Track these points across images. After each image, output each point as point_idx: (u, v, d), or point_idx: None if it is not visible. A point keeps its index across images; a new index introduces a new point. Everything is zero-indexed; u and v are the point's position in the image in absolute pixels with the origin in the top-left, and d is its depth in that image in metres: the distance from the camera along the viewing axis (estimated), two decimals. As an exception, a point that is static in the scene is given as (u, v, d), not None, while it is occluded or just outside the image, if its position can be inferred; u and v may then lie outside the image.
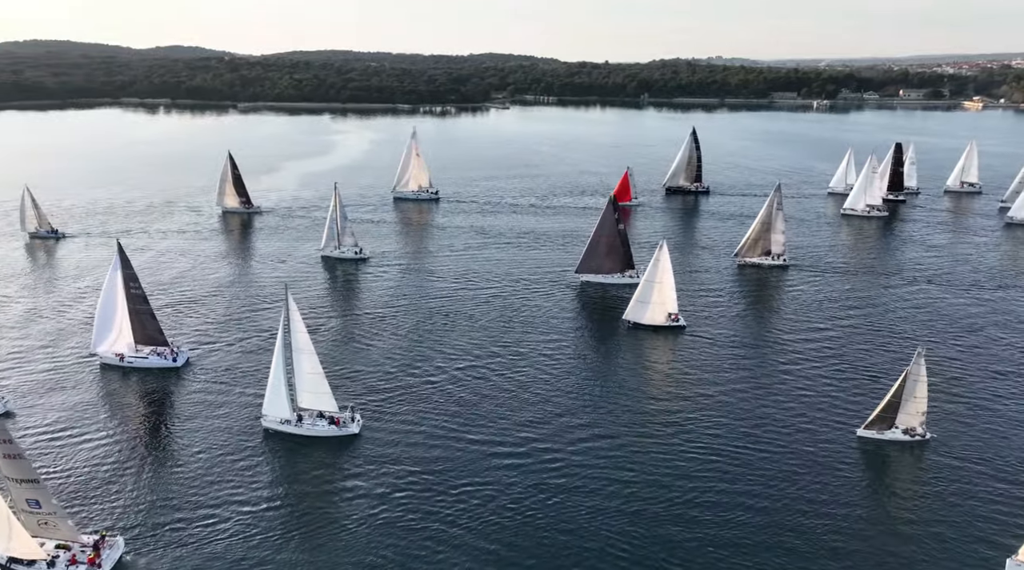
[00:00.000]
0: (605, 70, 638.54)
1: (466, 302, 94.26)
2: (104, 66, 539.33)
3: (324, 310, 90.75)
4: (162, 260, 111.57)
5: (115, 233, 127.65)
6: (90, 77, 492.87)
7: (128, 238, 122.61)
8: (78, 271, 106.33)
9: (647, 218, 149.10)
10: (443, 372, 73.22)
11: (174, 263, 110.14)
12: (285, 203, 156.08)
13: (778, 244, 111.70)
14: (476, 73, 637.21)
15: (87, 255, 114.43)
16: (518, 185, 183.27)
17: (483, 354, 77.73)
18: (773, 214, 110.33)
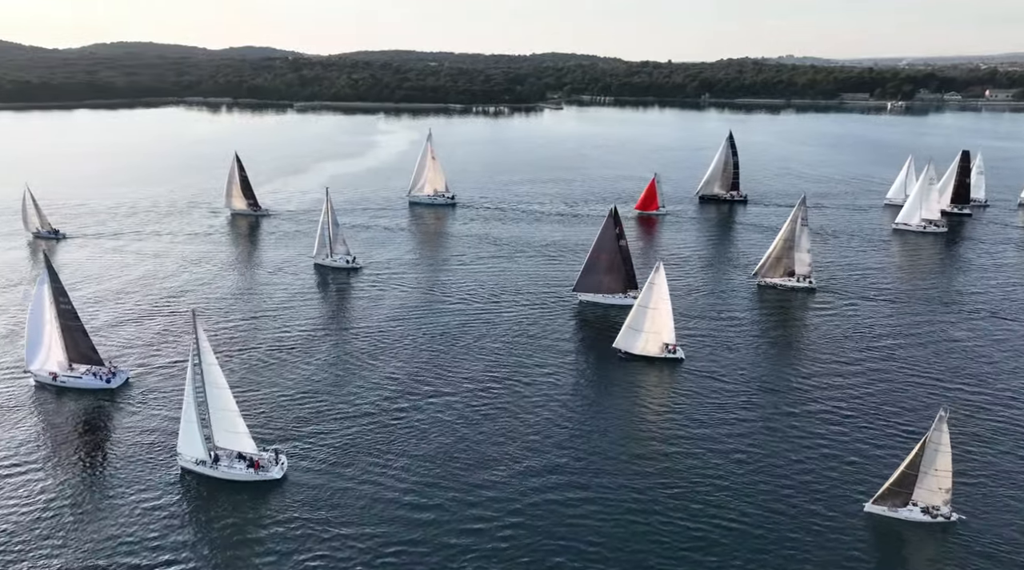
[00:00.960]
0: (666, 69, 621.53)
1: (452, 321, 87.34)
2: (175, 66, 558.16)
3: (295, 326, 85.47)
4: (144, 264, 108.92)
5: (113, 234, 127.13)
6: (160, 77, 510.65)
7: (118, 240, 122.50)
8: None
9: (669, 230, 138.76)
10: (403, 405, 66.38)
11: (154, 268, 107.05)
12: (301, 206, 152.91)
13: (803, 264, 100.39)
14: (534, 73, 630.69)
15: (72, 256, 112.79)
16: (550, 190, 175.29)
17: (452, 384, 70.55)
18: (797, 230, 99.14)
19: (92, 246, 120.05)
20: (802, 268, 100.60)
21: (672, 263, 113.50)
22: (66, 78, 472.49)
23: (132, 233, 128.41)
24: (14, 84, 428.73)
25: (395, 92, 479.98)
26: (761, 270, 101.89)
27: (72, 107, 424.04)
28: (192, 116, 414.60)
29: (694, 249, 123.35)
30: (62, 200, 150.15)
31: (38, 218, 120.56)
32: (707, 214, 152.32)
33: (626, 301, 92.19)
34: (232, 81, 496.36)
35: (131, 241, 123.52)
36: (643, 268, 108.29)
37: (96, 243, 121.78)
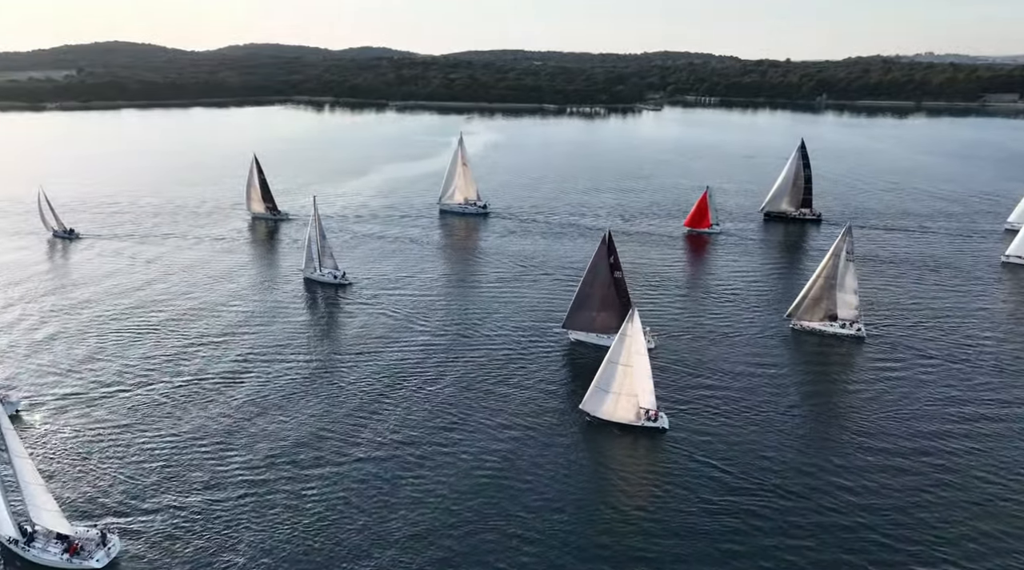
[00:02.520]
0: (782, 68, 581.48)
1: (426, 357, 77.13)
2: (287, 66, 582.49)
3: (233, 355, 78.67)
4: (133, 269, 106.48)
5: (127, 235, 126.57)
6: (271, 77, 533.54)
7: (126, 241, 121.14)
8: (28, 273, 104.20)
9: (716, 252, 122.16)
10: (294, 472, 57.77)
11: (139, 273, 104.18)
12: (327, 211, 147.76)
13: (847, 307, 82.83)
14: (638, 72, 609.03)
15: (72, 255, 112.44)
16: (609, 201, 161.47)
17: (373, 445, 60.76)
18: (841, 265, 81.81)
19: (97, 247, 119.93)
20: (846, 311, 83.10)
21: (699, 293, 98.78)
22: (189, 78, 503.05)
23: (144, 234, 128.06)
24: (140, 84, 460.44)
25: (490, 91, 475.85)
26: (796, 311, 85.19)
27: (188, 106, 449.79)
28: (290, 114, 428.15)
29: (734, 278, 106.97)
30: (100, 199, 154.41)
31: (53, 218, 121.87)
32: (768, 235, 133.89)
33: (621, 342, 79.14)
34: (336, 80, 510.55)
35: (136, 243, 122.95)
36: (672, 296, 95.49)
37: (103, 244, 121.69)
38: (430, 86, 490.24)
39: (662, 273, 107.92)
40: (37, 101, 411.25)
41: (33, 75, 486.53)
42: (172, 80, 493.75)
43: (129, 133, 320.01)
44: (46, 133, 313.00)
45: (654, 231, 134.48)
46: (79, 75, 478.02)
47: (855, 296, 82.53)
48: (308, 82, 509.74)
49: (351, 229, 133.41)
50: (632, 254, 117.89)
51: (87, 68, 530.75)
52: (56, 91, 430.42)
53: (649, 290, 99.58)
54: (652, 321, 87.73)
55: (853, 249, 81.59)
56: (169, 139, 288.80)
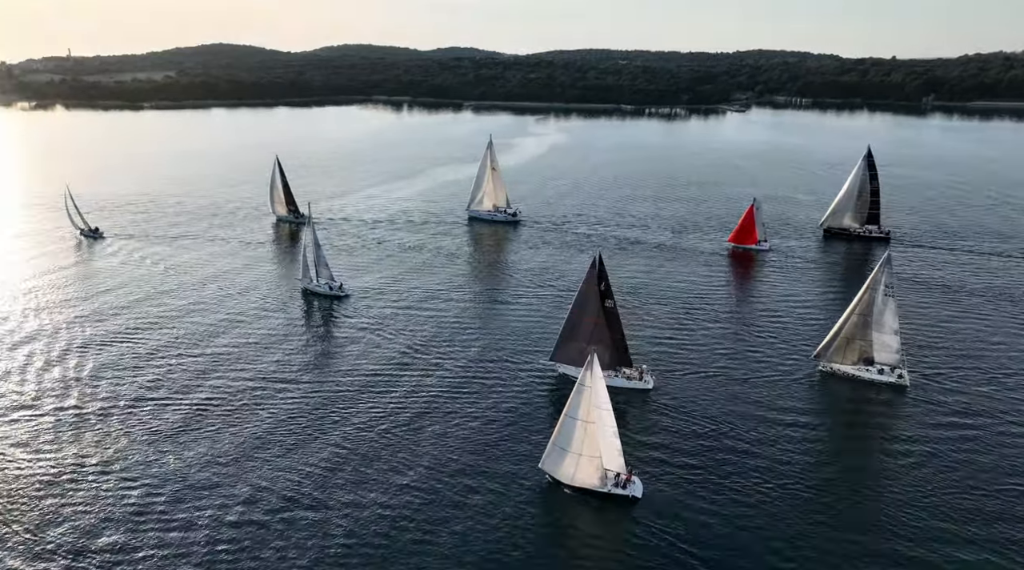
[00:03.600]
0: (885, 67, 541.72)
1: (398, 383, 70.59)
2: (371, 67, 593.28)
3: (207, 369, 74.85)
4: (138, 270, 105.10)
5: (150, 235, 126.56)
6: (353, 77, 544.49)
7: (145, 241, 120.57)
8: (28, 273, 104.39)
9: (759, 272, 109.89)
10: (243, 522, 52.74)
11: (140, 275, 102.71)
12: (353, 214, 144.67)
13: (886, 349, 70.35)
14: (727, 71, 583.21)
15: (88, 254, 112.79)
16: (664, 211, 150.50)
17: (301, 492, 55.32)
18: (878, 301, 69.50)
19: (119, 247, 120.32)
20: (885, 355, 70.64)
21: (722, 321, 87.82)
22: (277, 78, 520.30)
23: (168, 235, 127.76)
24: (230, 84, 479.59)
25: (567, 91, 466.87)
26: (825, 352, 73.32)
27: (273, 105, 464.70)
28: (365, 114, 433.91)
29: (769, 304, 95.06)
30: (136, 197, 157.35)
31: (79, 217, 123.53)
32: (824, 255, 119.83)
33: (614, 382, 69.87)
34: (415, 80, 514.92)
35: (157, 243, 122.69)
36: (690, 324, 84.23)
37: (126, 244, 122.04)
38: (507, 86, 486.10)
39: (687, 295, 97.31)
40: (136, 100, 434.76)
41: (138, 76, 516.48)
42: (260, 80, 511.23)
43: (202, 131, 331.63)
44: (125, 130, 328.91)
45: (696, 246, 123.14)
46: (177, 76, 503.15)
47: (896, 337, 69.97)
48: (388, 82, 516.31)
49: (371, 235, 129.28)
50: (662, 272, 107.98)
51: (187, 69, 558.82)
52: (153, 91, 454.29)
53: (666, 316, 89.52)
54: (662, 351, 78.29)
55: (894, 282, 69.01)
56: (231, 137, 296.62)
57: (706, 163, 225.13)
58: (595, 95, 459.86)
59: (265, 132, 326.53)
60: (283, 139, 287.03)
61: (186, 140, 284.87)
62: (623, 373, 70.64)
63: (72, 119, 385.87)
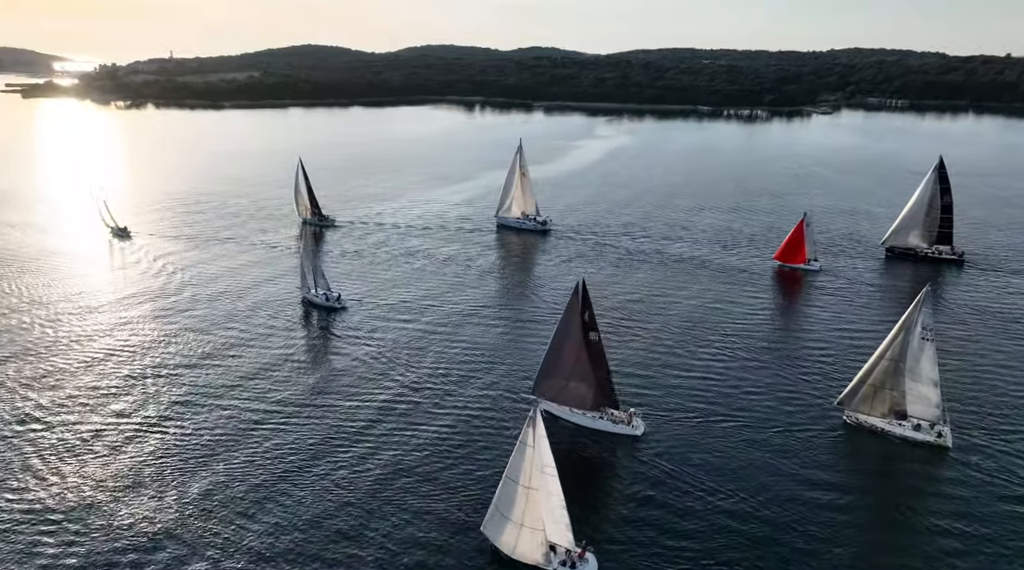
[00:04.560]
0: (997, 65, 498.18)
1: (368, 419, 65.80)
2: (448, 67, 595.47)
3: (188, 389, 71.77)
4: (149, 270, 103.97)
5: (181, 236, 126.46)
6: (429, 77, 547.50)
7: (169, 241, 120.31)
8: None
9: (805, 295, 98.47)
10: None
11: (146, 276, 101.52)
12: (380, 218, 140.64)
13: (923, 402, 59.33)
14: (816, 70, 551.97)
15: (111, 256, 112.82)
16: (715, 221, 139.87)
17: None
18: (913, 345, 58.58)
19: (144, 247, 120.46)
20: (922, 408, 59.63)
21: (743, 353, 78.02)
22: (355, 78, 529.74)
23: (194, 236, 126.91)
24: (309, 84, 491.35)
25: (643, 92, 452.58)
26: (850, 400, 62.85)
27: (348, 105, 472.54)
28: (436, 114, 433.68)
29: (804, 335, 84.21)
30: (174, 197, 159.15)
31: (109, 216, 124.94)
32: (883, 278, 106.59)
33: (599, 425, 62.33)
34: (487, 80, 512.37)
35: (182, 244, 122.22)
36: (704, 356, 73.02)
37: (152, 243, 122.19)
38: (581, 86, 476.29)
39: (711, 321, 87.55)
40: (218, 100, 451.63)
41: (224, 77, 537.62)
42: (337, 80, 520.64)
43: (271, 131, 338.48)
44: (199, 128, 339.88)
45: (741, 264, 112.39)
46: (260, 76, 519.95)
47: (935, 390, 58.85)
48: (461, 82, 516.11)
49: (393, 241, 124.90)
50: (692, 292, 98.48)
51: (270, 70, 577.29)
52: (234, 91, 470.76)
53: (678, 345, 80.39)
54: (663, 389, 69.71)
55: (932, 324, 57.87)
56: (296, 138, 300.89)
57: (777, 170, 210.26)
58: (671, 96, 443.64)
59: (329, 132, 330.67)
60: (343, 140, 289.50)
61: (251, 139, 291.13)
62: (609, 414, 62.63)
63: (154, 116, 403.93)
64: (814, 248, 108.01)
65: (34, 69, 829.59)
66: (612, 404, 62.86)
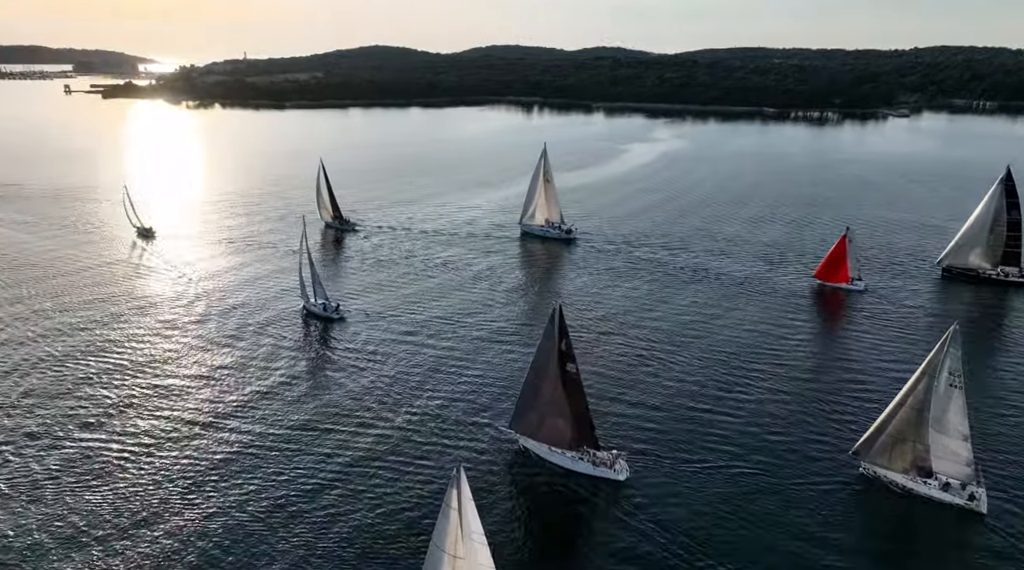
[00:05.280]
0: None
1: (328, 444, 62.15)
2: (507, 67, 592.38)
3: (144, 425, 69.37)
4: (172, 278, 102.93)
5: (206, 237, 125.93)
6: (488, 77, 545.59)
7: (198, 243, 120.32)
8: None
9: (834, 321, 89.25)
10: None
11: (143, 278, 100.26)
12: (408, 223, 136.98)
13: (952, 459, 50.80)
14: (897, 69, 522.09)
15: (134, 256, 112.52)
16: (756, 236, 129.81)
17: None
18: (939, 392, 50.05)
19: (166, 247, 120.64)
20: (949, 466, 51.07)
21: (760, 386, 70.19)
22: (415, 79, 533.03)
23: (217, 238, 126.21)
24: (370, 84, 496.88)
25: (706, 93, 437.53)
26: (866, 450, 54.66)
27: (406, 105, 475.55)
28: (489, 115, 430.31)
29: (832, 370, 75.35)
30: (212, 197, 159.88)
31: (134, 215, 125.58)
32: (937, 302, 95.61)
33: (578, 466, 56.24)
34: (545, 80, 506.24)
35: (205, 244, 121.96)
36: (714, 389, 65.22)
37: (174, 244, 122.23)
38: (642, 86, 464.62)
39: (732, 346, 79.69)
40: (280, 100, 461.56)
41: (288, 77, 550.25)
42: (397, 81, 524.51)
43: (324, 130, 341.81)
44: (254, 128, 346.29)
45: (779, 281, 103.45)
46: (323, 77, 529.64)
47: (965, 444, 50.23)
48: (518, 83, 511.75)
49: (411, 247, 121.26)
50: (717, 312, 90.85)
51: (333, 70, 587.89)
52: (296, 91, 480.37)
53: (687, 375, 73.12)
54: (665, 424, 62.89)
55: (960, 369, 49.22)
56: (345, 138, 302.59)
57: (837, 177, 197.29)
58: (737, 97, 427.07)
59: (380, 133, 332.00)
60: (391, 140, 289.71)
61: (302, 139, 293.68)
62: (591, 455, 56.31)
63: (217, 116, 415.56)
64: (858, 265, 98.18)
65: (121, 70, 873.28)
66: (592, 443, 56.59)
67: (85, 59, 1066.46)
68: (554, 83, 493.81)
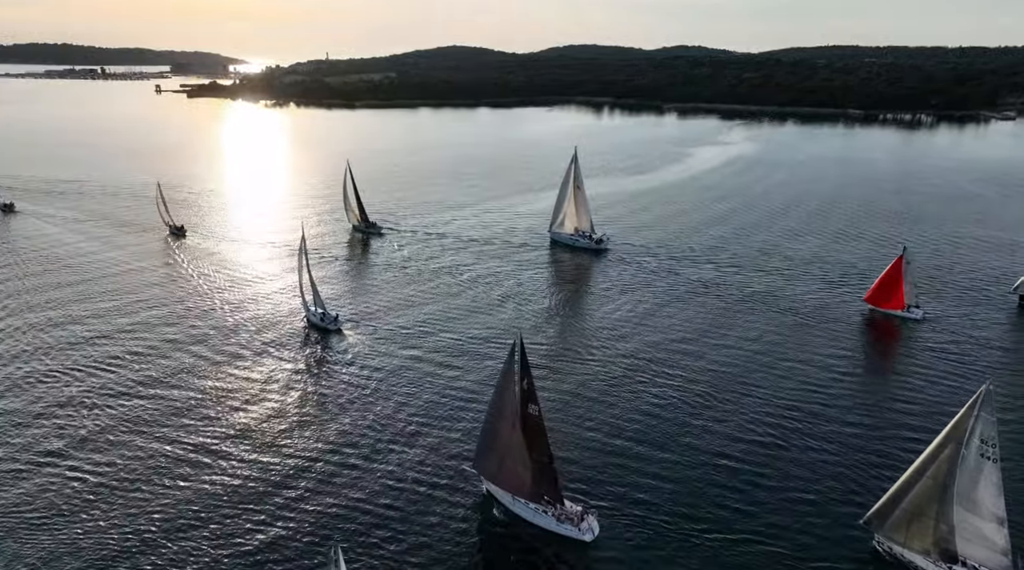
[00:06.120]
0: None
1: (285, 473, 58.31)
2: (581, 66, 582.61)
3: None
4: (191, 279, 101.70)
5: (236, 238, 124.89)
6: (558, 78, 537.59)
7: (225, 243, 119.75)
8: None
9: (884, 358, 78.70)
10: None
11: (154, 285, 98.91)
12: (452, 230, 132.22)
13: (983, 543, 41.69)
14: (1009, 65, 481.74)
15: (162, 255, 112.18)
16: (807, 253, 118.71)
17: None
18: (970, 462, 40.74)
19: (194, 245, 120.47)
20: (979, 551, 41.82)
21: (767, 445, 61.42)
22: (484, 78, 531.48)
23: (247, 240, 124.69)
24: (441, 85, 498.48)
25: (785, 93, 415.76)
26: (881, 522, 45.70)
27: (474, 106, 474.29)
28: (558, 115, 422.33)
29: (866, 417, 65.47)
30: (256, 197, 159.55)
31: (167, 213, 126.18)
32: (1012, 334, 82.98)
33: (540, 520, 49.94)
34: (617, 80, 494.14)
35: (228, 247, 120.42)
36: (733, 438, 57.62)
37: (203, 243, 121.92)
38: (717, 86, 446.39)
39: (753, 382, 70.87)
40: (352, 99, 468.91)
41: (363, 77, 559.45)
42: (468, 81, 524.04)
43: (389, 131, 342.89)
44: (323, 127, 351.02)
45: (828, 305, 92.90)
46: (397, 77, 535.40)
47: (1000, 529, 40.74)
48: (589, 83, 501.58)
49: (428, 254, 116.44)
50: (740, 339, 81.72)
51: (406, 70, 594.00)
52: (367, 91, 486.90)
53: (693, 415, 65.06)
54: (652, 475, 55.58)
55: (997, 438, 39.71)
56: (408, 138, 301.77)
57: (924, 187, 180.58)
58: (818, 98, 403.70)
59: (442, 134, 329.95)
60: (450, 141, 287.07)
61: (366, 138, 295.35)
62: (556, 509, 49.57)
63: (290, 114, 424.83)
64: (915, 291, 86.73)
65: (212, 71, 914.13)
66: (555, 496, 49.82)
67: (184, 60, 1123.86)
68: (627, 83, 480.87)
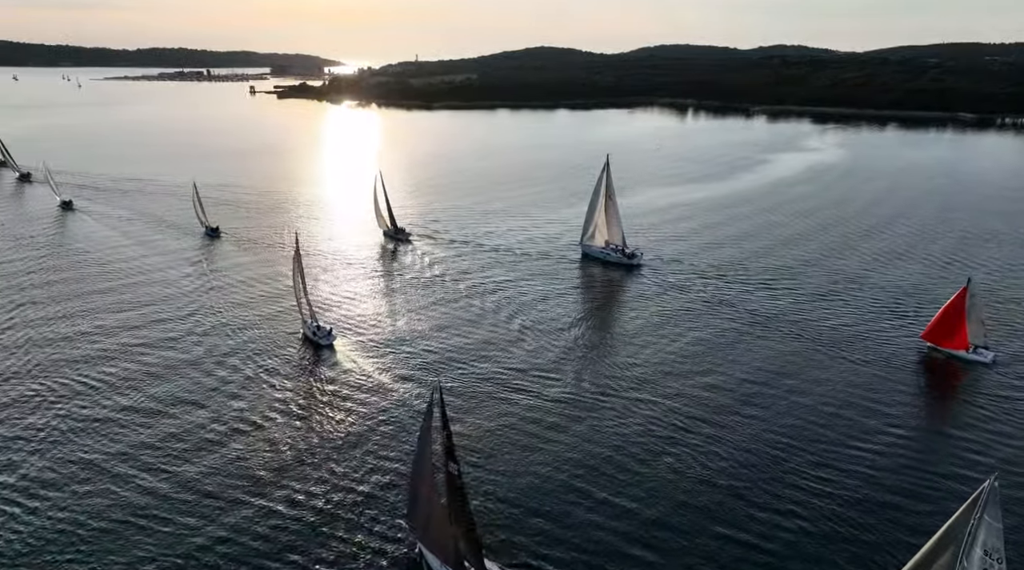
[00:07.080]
0: None
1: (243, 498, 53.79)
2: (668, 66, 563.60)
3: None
4: (211, 282, 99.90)
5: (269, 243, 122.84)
6: (645, 78, 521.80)
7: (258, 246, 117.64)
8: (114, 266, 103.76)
9: (939, 410, 66.05)
10: None
11: (173, 284, 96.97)
12: (487, 239, 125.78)
13: None
14: None
15: (196, 257, 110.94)
16: (873, 275, 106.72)
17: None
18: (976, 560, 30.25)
19: (230, 247, 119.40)
20: None
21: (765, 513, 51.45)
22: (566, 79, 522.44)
23: (281, 243, 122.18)
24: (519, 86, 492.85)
25: (885, 95, 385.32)
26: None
27: (553, 107, 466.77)
28: (633, 118, 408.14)
29: (902, 481, 54.22)
30: (308, 199, 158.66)
31: (203, 213, 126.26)
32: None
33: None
34: (703, 81, 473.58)
35: (259, 251, 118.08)
36: (728, 489, 48.55)
37: (237, 245, 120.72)
38: (812, 88, 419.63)
39: (775, 434, 60.65)
40: (431, 101, 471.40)
41: (444, 78, 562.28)
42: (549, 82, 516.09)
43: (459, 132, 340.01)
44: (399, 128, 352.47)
45: (885, 340, 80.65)
46: (478, 78, 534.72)
47: None
48: (673, 84, 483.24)
49: (450, 264, 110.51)
50: (769, 375, 71.06)
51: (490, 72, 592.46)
52: (447, 92, 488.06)
53: (703, 467, 55.82)
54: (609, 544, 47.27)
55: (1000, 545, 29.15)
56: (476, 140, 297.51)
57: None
58: (925, 100, 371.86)
59: (514, 137, 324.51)
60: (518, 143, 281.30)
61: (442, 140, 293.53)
62: (481, 579, 42.49)
63: (370, 114, 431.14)
64: (983, 330, 73.18)
65: (309, 72, 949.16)
66: (477, 565, 42.53)
67: (285, 63, 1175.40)
68: (713, 83, 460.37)
